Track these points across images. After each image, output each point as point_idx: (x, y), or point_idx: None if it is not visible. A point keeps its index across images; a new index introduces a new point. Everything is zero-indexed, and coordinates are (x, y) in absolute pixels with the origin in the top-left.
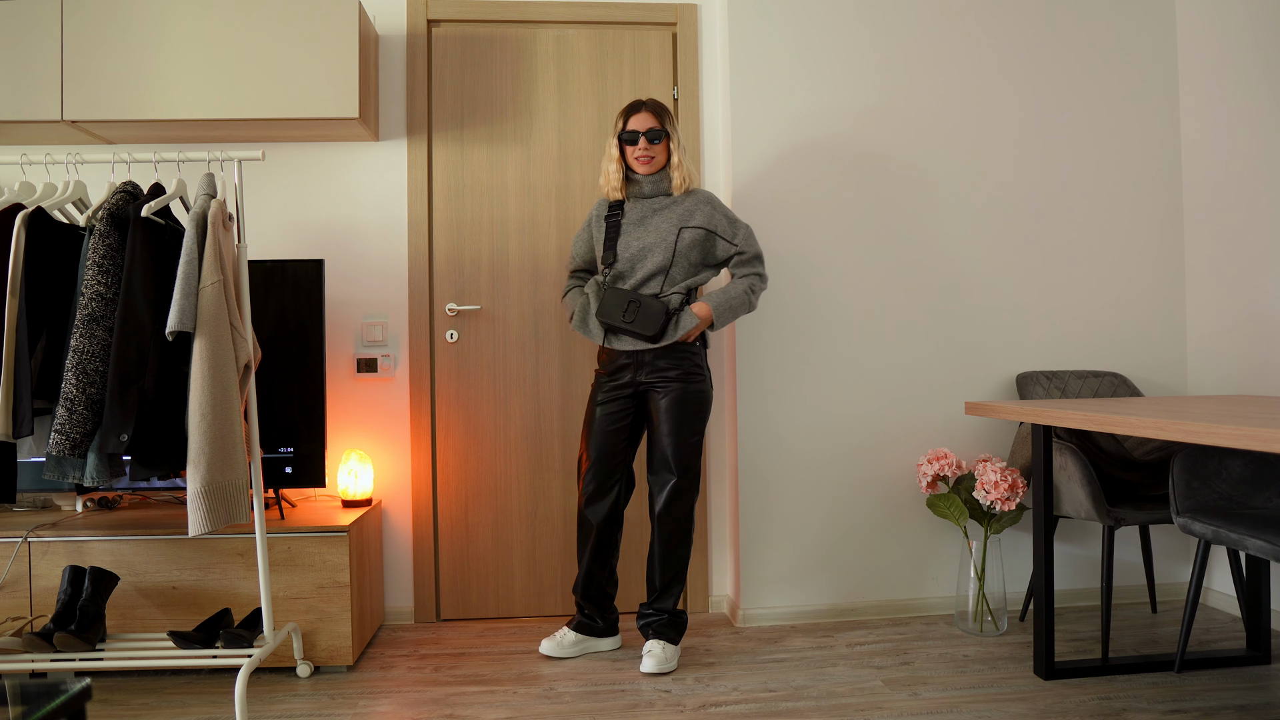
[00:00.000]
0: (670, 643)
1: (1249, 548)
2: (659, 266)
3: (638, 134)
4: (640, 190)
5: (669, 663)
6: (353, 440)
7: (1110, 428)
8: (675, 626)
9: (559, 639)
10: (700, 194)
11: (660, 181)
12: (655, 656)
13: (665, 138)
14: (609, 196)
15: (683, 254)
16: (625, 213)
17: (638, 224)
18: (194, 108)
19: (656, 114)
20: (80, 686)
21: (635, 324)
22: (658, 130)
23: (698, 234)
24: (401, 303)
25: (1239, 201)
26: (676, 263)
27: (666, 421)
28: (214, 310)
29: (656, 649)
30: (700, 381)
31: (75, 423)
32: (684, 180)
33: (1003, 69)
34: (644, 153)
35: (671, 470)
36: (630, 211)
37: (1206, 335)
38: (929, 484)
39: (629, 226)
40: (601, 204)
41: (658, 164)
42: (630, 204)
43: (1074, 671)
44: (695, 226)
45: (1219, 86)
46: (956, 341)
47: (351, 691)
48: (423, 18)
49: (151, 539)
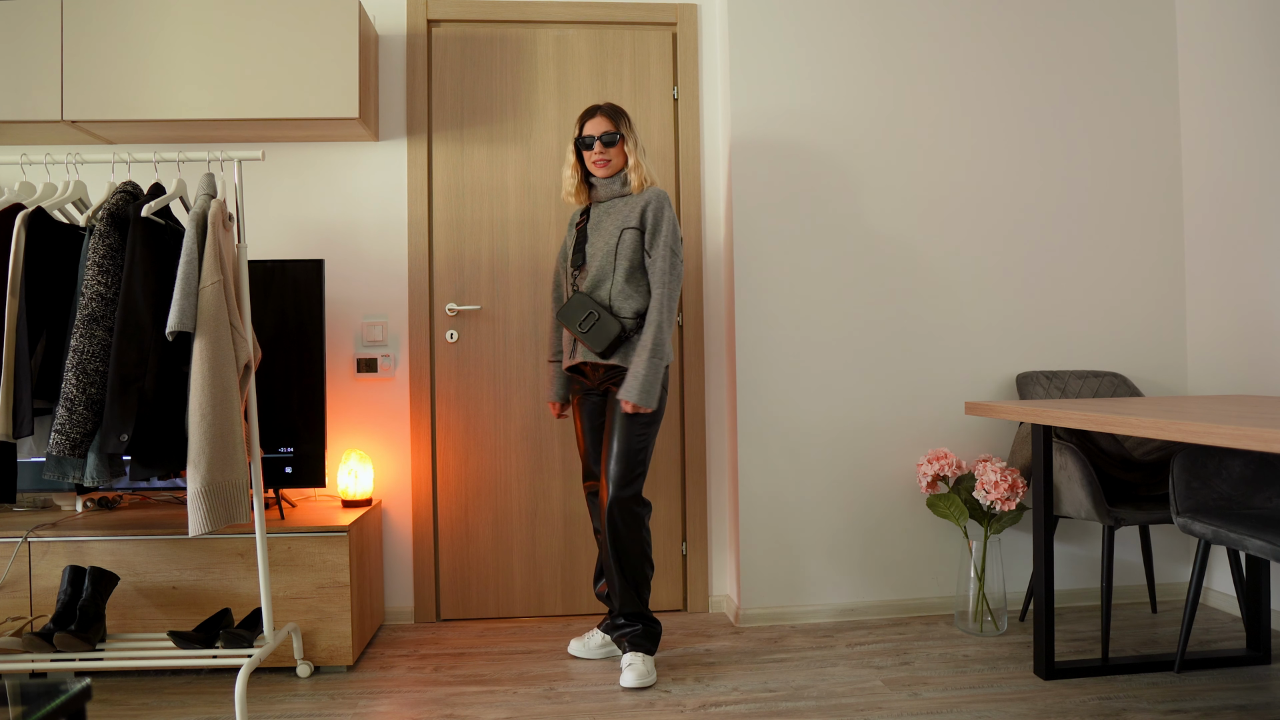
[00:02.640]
0: (648, 654)
1: (1249, 548)
2: (602, 270)
3: (593, 139)
4: (599, 194)
5: (649, 676)
6: (353, 440)
7: (1110, 428)
8: (650, 637)
9: (586, 640)
10: (649, 193)
11: (614, 184)
12: (636, 670)
13: (620, 140)
14: (565, 200)
15: (622, 255)
16: (590, 217)
17: (595, 228)
18: (194, 108)
19: (611, 117)
20: (80, 686)
21: (588, 335)
22: (612, 134)
23: (636, 235)
24: (401, 303)
25: (1239, 202)
26: (617, 265)
27: (615, 423)
28: (214, 310)
29: (637, 662)
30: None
31: (75, 423)
32: (641, 181)
33: (1003, 70)
34: (600, 156)
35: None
36: (592, 216)
37: (1206, 335)
38: (929, 484)
39: (590, 231)
40: (576, 210)
41: (614, 167)
42: (592, 209)
43: (1074, 671)
44: (633, 227)
45: (1219, 87)
46: (956, 341)
47: (351, 691)
48: (423, 18)
49: (151, 539)
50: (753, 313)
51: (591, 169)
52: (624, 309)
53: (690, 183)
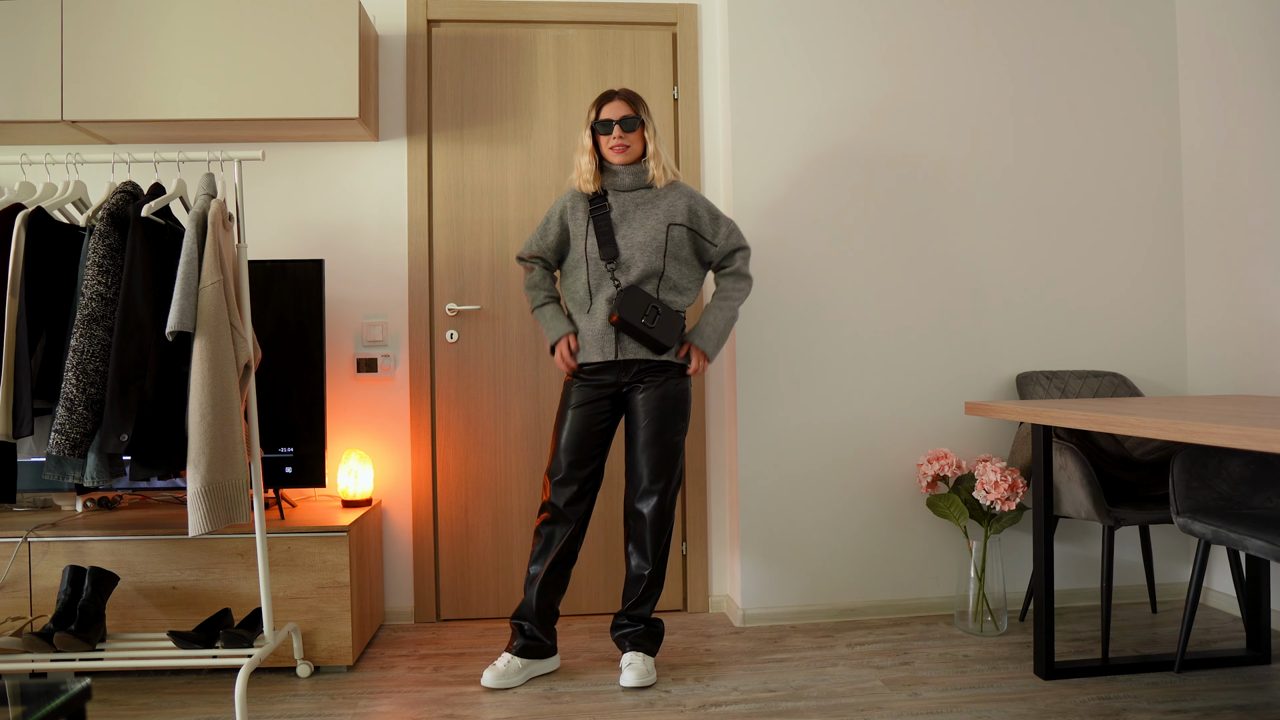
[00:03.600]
0: (649, 655)
1: (1249, 548)
2: (652, 268)
3: (611, 122)
4: (619, 182)
5: (649, 675)
6: (353, 440)
7: (1110, 428)
8: (652, 637)
9: (503, 668)
10: (682, 188)
11: (639, 173)
12: (636, 670)
13: (640, 126)
14: (582, 189)
15: (673, 254)
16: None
17: (621, 219)
18: (194, 108)
19: (630, 102)
20: (80, 686)
21: (655, 330)
22: (632, 118)
23: (685, 231)
24: (401, 303)
25: (1239, 202)
26: (669, 264)
27: (651, 420)
28: (214, 310)
29: (637, 661)
30: (684, 378)
31: (75, 423)
32: (663, 171)
33: (1002, 70)
34: (619, 141)
35: (657, 469)
36: (614, 205)
37: (1206, 335)
38: (929, 484)
39: (618, 222)
40: (575, 196)
41: (633, 154)
42: (611, 196)
43: (1074, 671)
44: (681, 224)
45: (1219, 86)
46: (956, 341)
47: (351, 691)
48: (423, 18)
49: (151, 539)
50: (753, 312)
51: (608, 155)
52: (675, 304)
53: (690, 183)
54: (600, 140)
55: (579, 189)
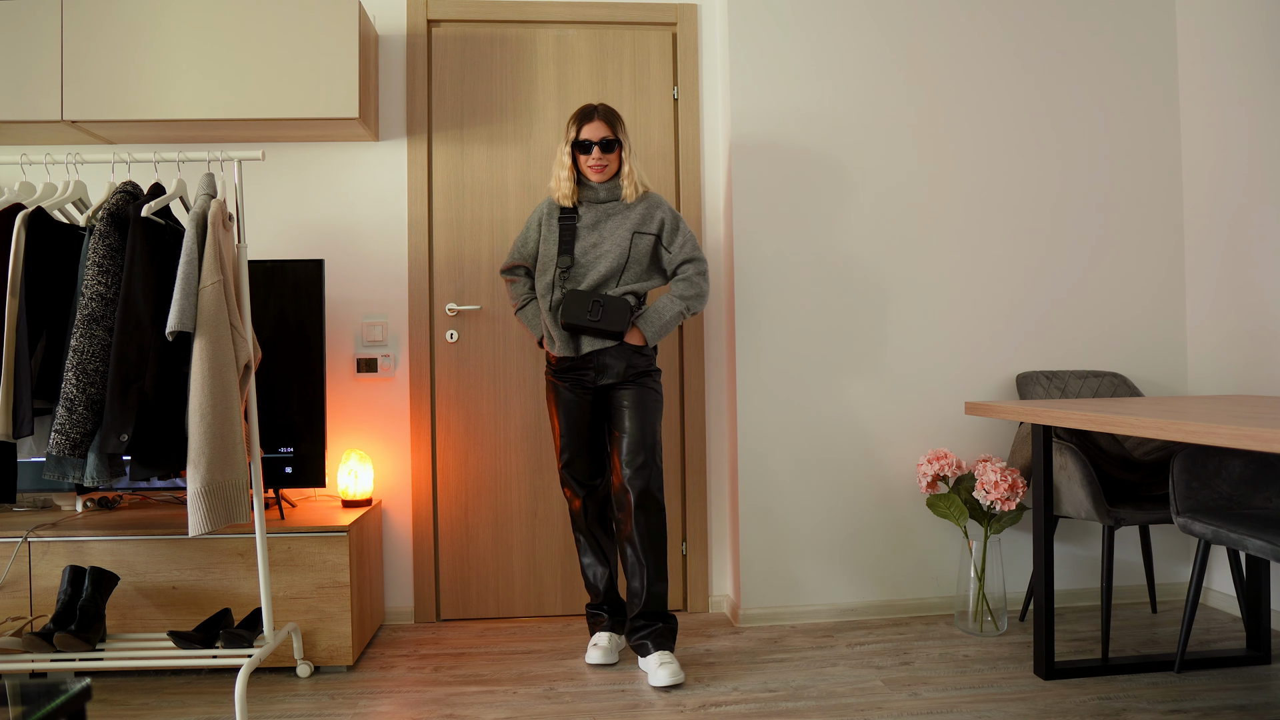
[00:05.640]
0: (672, 652)
1: (1249, 548)
2: (611, 269)
3: (591, 144)
4: (595, 195)
5: (680, 674)
6: (353, 440)
7: (1110, 428)
8: (672, 635)
9: (607, 644)
10: (653, 198)
11: (613, 189)
12: (670, 669)
13: (618, 146)
14: (560, 202)
15: (635, 259)
16: (580, 215)
17: (591, 228)
18: (194, 108)
19: (609, 122)
20: (80, 686)
21: (602, 321)
22: (611, 140)
23: (649, 240)
24: (401, 303)
25: (1239, 202)
26: (629, 267)
27: (633, 413)
28: (214, 310)
29: (669, 660)
30: (657, 386)
31: (75, 423)
32: (635, 189)
33: (1003, 71)
34: (597, 161)
35: (643, 453)
36: (585, 215)
37: (1206, 335)
38: (929, 484)
39: (584, 230)
40: (552, 205)
41: (610, 172)
42: (584, 208)
43: (1074, 671)
44: (647, 233)
45: (1219, 86)
46: (956, 341)
47: (351, 691)
48: (423, 18)
49: (151, 539)
50: (752, 312)
51: (587, 173)
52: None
53: (690, 183)
54: (579, 159)
55: (557, 201)
